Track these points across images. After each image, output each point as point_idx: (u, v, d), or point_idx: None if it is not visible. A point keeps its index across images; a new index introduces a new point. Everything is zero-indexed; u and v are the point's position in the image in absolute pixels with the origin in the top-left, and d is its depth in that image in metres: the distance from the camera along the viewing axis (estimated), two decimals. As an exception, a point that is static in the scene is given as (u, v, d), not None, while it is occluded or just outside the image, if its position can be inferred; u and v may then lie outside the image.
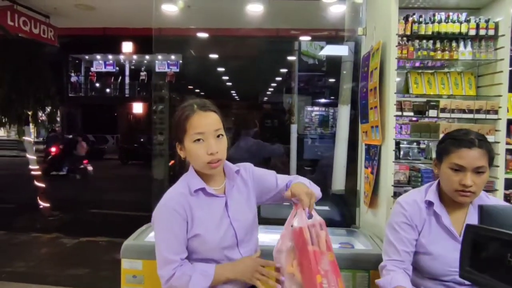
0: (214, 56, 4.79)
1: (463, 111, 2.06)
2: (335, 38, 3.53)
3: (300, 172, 4.71)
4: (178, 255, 1.20)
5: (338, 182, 3.60)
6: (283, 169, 4.54)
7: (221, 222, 1.24)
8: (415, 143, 2.26)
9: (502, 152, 1.99)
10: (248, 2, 3.29)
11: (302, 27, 3.54)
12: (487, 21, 2.05)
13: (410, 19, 2.05)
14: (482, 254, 0.61)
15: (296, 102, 5.05)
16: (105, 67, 18.37)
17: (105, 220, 5.89)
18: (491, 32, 2.04)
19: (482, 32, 2.04)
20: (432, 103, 2.06)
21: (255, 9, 3.34)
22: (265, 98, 7.18)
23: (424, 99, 2.10)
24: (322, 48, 4.93)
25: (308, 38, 3.97)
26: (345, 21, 2.98)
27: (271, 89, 6.82)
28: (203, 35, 4.12)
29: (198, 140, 1.17)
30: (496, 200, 1.52)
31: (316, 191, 1.31)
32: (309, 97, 5.40)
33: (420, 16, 2.06)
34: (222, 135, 1.21)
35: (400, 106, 2.08)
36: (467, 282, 1.29)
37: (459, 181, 1.29)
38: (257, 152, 3.47)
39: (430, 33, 2.05)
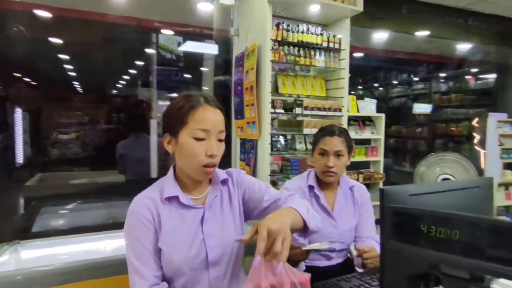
0: (56, 40, 4.16)
1: (319, 109, 2.50)
2: (199, 35, 3.63)
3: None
4: (151, 269, 1.03)
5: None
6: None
7: (191, 238, 1.07)
8: (281, 137, 2.60)
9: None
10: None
11: (168, 20, 3.49)
12: (334, 36, 2.54)
13: (281, 26, 2.35)
14: (401, 228, 0.83)
15: (155, 97, 4.94)
16: None
17: None
18: (337, 45, 2.55)
19: (331, 45, 2.53)
20: (298, 102, 2.43)
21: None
22: (115, 91, 6.68)
23: (292, 98, 2.45)
24: (179, 43, 4.96)
25: (171, 32, 3.95)
26: (214, 20, 3.12)
27: (124, 82, 6.39)
28: (42, 13, 3.55)
29: (200, 138, 1.02)
30: (354, 181, 1.92)
31: (311, 223, 1.06)
32: (166, 92, 5.34)
33: (288, 25, 2.39)
34: (223, 140, 1.07)
35: (273, 104, 2.36)
36: (338, 248, 1.65)
37: (325, 164, 1.61)
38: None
39: (296, 41, 2.40)
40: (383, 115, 3.13)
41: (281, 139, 2.58)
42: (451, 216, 0.74)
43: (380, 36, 4.15)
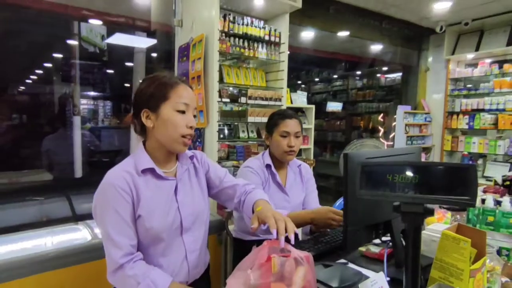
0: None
1: (262, 99, 2.69)
2: (133, 27, 3.54)
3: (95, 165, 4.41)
4: (127, 239, 1.09)
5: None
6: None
7: (168, 206, 1.17)
8: (225, 126, 2.73)
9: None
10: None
11: (97, 9, 3.33)
12: (275, 30, 2.75)
13: (227, 18, 2.48)
14: (372, 180, 1.03)
15: (78, 93, 4.66)
16: None
17: None
18: (277, 39, 2.77)
19: (272, 38, 2.74)
20: (243, 92, 2.58)
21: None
22: (22, 88, 6.04)
23: (237, 89, 2.59)
24: (103, 36, 4.75)
25: (100, 22, 3.78)
26: (152, 11, 3.10)
27: (40, 77, 5.81)
28: None
29: (182, 110, 1.13)
30: (300, 161, 2.15)
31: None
32: (90, 88, 5.03)
33: (234, 17, 2.53)
34: (195, 116, 1.21)
35: (219, 94, 2.48)
36: None
37: (287, 144, 1.80)
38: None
39: (241, 33, 2.55)
40: (313, 107, 3.46)
41: (225, 128, 2.71)
42: (408, 163, 0.97)
43: (306, 35, 4.52)
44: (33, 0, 3.37)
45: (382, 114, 6.16)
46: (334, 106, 6.42)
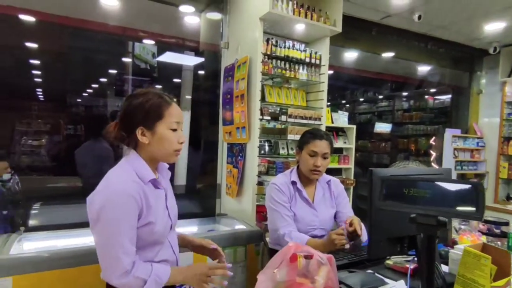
0: (27, 44, 4.22)
1: (301, 118, 2.88)
2: (182, 47, 3.91)
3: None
4: (134, 246, 1.24)
5: (180, 178, 4.03)
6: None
7: (164, 213, 1.36)
8: (266, 142, 2.93)
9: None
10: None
11: (153, 30, 3.75)
12: (315, 53, 2.95)
13: (270, 42, 2.72)
14: (388, 191, 1.17)
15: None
16: None
17: None
18: (317, 61, 2.96)
19: (313, 60, 2.93)
20: (283, 110, 2.78)
21: (108, 2, 3.36)
22: (78, 100, 6.70)
23: (278, 108, 2.80)
24: (154, 54, 5.23)
25: (152, 42, 4.21)
26: (201, 33, 3.44)
27: (91, 91, 6.43)
28: (22, 16, 3.68)
29: (174, 129, 1.30)
30: (330, 176, 2.25)
31: None
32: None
33: (276, 41, 2.77)
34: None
35: (261, 111, 2.70)
36: (319, 234, 1.99)
37: (313, 163, 1.94)
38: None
39: (282, 55, 2.78)
40: (354, 127, 3.58)
41: (266, 144, 2.92)
42: (423, 179, 1.11)
43: (350, 56, 4.68)
44: (97, 24, 3.86)
45: (433, 138, 6.07)
46: (382, 127, 6.44)
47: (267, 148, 2.90)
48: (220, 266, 1.36)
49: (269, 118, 2.74)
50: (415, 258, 1.44)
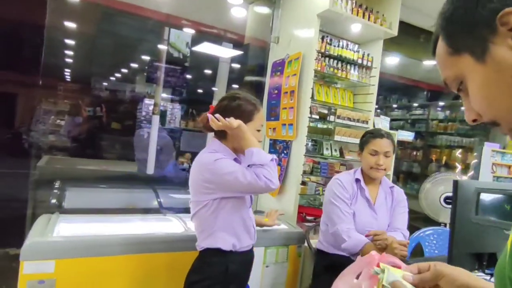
0: (66, 23, 4.24)
1: (349, 119, 2.83)
2: (224, 38, 3.89)
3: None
4: None
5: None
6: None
7: None
8: (310, 142, 2.89)
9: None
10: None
11: (197, 20, 3.73)
12: (368, 55, 2.90)
13: (325, 40, 2.67)
14: (485, 205, 1.13)
15: (160, 93, 5.11)
16: None
17: None
18: (369, 63, 2.91)
19: (364, 62, 2.88)
20: (332, 110, 2.74)
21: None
22: (105, 84, 6.76)
23: (327, 107, 2.76)
24: (187, 43, 5.22)
25: (192, 31, 4.19)
26: (247, 26, 3.40)
27: (119, 75, 6.48)
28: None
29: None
30: (393, 183, 2.22)
31: None
32: (169, 90, 5.54)
33: (331, 39, 2.72)
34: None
35: (310, 109, 2.66)
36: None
37: (375, 162, 1.93)
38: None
39: (336, 54, 2.73)
40: (396, 133, 3.51)
41: (309, 143, 2.88)
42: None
43: (390, 60, 4.60)
44: (142, 9, 3.86)
45: (460, 150, 5.96)
46: (405, 135, 6.34)
47: (310, 147, 2.86)
48: None
49: (317, 117, 2.70)
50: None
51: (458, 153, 5.99)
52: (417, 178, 5.98)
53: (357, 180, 2.00)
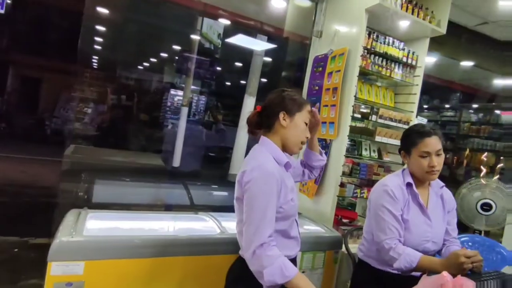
0: (98, 9, 4.17)
1: (391, 120, 2.72)
2: (261, 30, 3.80)
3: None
4: (273, 223, 1.36)
5: (236, 167, 3.90)
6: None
7: (295, 191, 1.56)
8: (349, 141, 2.79)
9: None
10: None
11: (234, 10, 3.63)
12: (413, 53, 2.78)
13: (372, 36, 2.56)
14: None
15: (190, 84, 5.05)
16: None
17: None
18: (414, 62, 2.79)
19: (409, 61, 2.76)
20: (375, 110, 2.63)
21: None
22: (132, 74, 6.72)
23: (369, 106, 2.65)
24: (219, 34, 5.12)
25: (227, 22, 4.11)
26: (287, 19, 3.30)
27: (148, 65, 6.44)
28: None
29: (306, 123, 1.55)
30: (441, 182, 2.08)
31: None
32: (199, 81, 5.47)
33: (377, 36, 2.61)
34: None
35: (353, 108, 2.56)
36: (432, 248, 1.82)
37: (428, 164, 1.74)
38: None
39: (381, 51, 2.62)
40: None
41: (349, 143, 2.78)
42: None
43: (427, 59, 4.43)
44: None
45: (485, 154, 5.76)
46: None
47: (349, 147, 2.76)
48: None
49: (359, 116, 2.60)
50: None
51: (483, 156, 5.80)
52: (446, 181, 5.81)
53: (408, 185, 1.83)
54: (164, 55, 5.83)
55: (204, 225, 2.19)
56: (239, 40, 4.49)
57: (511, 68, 4.39)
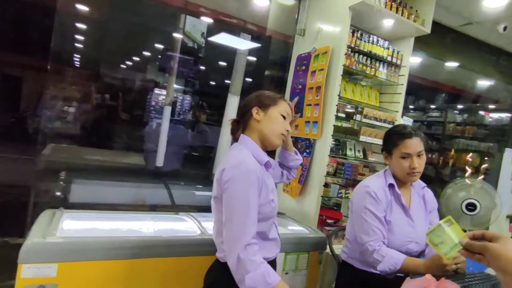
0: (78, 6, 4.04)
1: (376, 119, 2.68)
2: (244, 29, 3.73)
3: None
4: (256, 224, 1.32)
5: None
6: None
7: (274, 191, 1.50)
8: (333, 141, 2.75)
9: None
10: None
11: (215, 8, 3.56)
12: (397, 52, 2.75)
13: (355, 34, 2.52)
14: None
15: (173, 83, 4.96)
16: None
17: None
18: (399, 61, 2.76)
19: (394, 60, 2.73)
20: (359, 109, 2.59)
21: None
22: (115, 73, 6.58)
23: (353, 106, 2.62)
24: (203, 33, 5.03)
25: (210, 20, 4.03)
26: (269, 17, 3.25)
27: (130, 63, 6.32)
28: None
29: (284, 116, 1.50)
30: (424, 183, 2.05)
31: None
32: (182, 80, 5.38)
33: (361, 34, 2.57)
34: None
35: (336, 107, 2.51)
36: (415, 249, 1.78)
37: (409, 166, 1.72)
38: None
39: (365, 50, 2.58)
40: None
41: (332, 143, 2.73)
42: None
43: (412, 59, 4.43)
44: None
45: (470, 154, 5.81)
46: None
47: (333, 147, 2.72)
48: None
49: (343, 115, 2.56)
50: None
51: (468, 156, 5.84)
52: (432, 181, 5.85)
53: (390, 186, 1.80)
54: (147, 54, 5.73)
55: (184, 226, 2.14)
56: (223, 39, 4.43)
57: (494, 70, 4.42)
